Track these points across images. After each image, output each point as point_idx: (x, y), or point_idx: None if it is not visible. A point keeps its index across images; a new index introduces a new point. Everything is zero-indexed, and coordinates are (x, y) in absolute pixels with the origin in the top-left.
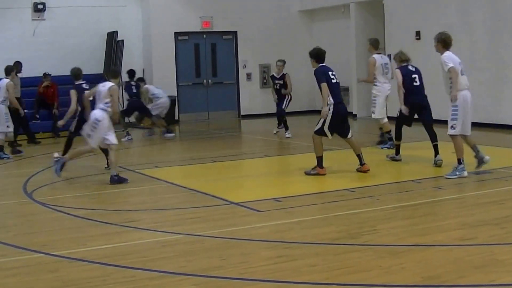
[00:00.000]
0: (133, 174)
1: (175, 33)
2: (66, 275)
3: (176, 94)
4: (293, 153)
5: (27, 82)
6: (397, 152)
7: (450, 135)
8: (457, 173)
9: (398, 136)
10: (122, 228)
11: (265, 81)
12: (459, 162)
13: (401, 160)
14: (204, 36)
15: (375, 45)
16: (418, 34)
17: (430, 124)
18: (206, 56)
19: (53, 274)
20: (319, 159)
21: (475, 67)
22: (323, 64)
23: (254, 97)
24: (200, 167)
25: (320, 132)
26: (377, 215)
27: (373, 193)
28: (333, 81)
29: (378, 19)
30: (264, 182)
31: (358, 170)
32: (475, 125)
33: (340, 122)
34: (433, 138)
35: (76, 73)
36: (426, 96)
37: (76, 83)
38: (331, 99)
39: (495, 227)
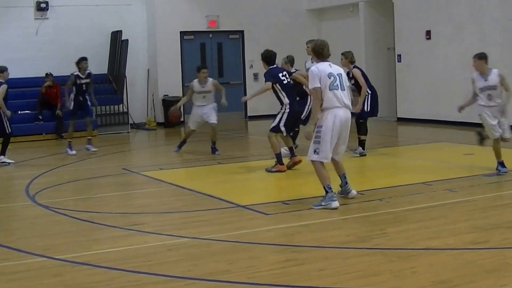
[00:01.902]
0: (138, 177)
1: (181, 32)
2: (70, 280)
3: (181, 95)
4: (300, 155)
5: (29, 82)
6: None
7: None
8: (323, 203)
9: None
10: (126, 232)
11: None
12: (326, 190)
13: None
14: (210, 35)
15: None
16: (428, 33)
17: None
18: (212, 56)
19: (56, 279)
20: (278, 156)
21: None
22: (273, 66)
23: (261, 98)
24: (206, 169)
25: (276, 130)
26: (387, 218)
27: (382, 195)
28: (284, 82)
29: (388, 18)
30: (271, 184)
31: (288, 165)
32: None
33: (295, 120)
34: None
35: None
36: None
37: None
38: (287, 99)
39: (508, 231)
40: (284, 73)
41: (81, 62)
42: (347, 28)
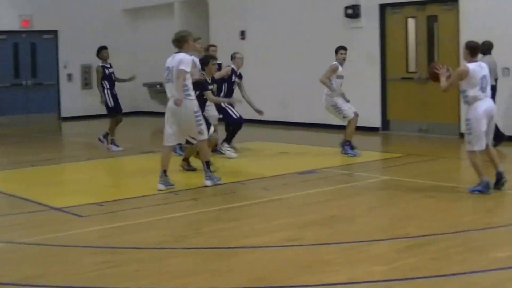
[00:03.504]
0: None
1: None
2: None
3: None
4: (115, 156)
5: None
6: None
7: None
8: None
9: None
10: None
11: (86, 82)
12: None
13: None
14: (24, 35)
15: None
16: (243, 33)
17: None
18: (26, 56)
19: None
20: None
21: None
22: None
23: (76, 99)
24: (20, 171)
25: None
26: (202, 218)
27: (197, 195)
28: None
29: (203, 19)
30: (86, 186)
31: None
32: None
33: None
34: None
35: None
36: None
37: None
38: None
39: (321, 227)
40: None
41: (102, 51)
42: (163, 28)
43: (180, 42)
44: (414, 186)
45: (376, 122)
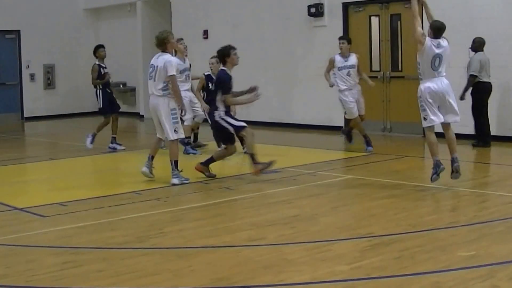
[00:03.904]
0: None
1: None
2: None
3: None
4: (78, 156)
5: None
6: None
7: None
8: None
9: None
10: None
11: (49, 81)
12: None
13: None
14: None
15: None
16: (206, 33)
17: None
18: None
19: None
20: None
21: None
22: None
23: (38, 99)
24: None
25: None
26: (165, 218)
27: (160, 195)
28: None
29: (166, 18)
30: (49, 186)
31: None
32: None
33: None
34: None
35: None
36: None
37: None
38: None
39: (284, 227)
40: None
41: (98, 50)
42: (125, 28)
43: (163, 44)
44: (377, 185)
45: (340, 121)
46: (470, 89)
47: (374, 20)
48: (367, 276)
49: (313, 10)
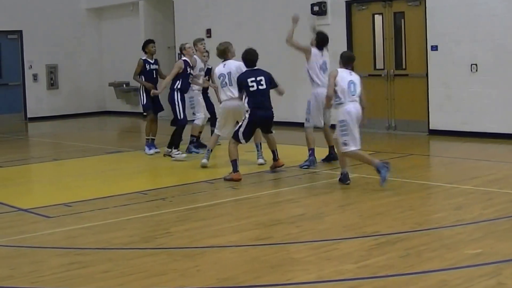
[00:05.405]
0: None
1: None
2: None
3: None
4: (82, 157)
5: None
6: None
7: None
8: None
9: None
10: None
11: (52, 82)
12: None
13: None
14: None
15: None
16: (209, 32)
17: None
18: None
19: None
20: (234, 163)
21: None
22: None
23: (41, 99)
24: None
25: (235, 137)
26: (171, 218)
27: (165, 195)
28: (252, 88)
29: (168, 17)
30: (53, 187)
31: (271, 167)
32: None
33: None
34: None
35: None
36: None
37: None
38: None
39: (290, 226)
40: (257, 78)
41: (148, 45)
42: (127, 27)
43: (224, 53)
44: None
45: None
46: None
47: (378, 18)
48: (373, 274)
49: (316, 8)
